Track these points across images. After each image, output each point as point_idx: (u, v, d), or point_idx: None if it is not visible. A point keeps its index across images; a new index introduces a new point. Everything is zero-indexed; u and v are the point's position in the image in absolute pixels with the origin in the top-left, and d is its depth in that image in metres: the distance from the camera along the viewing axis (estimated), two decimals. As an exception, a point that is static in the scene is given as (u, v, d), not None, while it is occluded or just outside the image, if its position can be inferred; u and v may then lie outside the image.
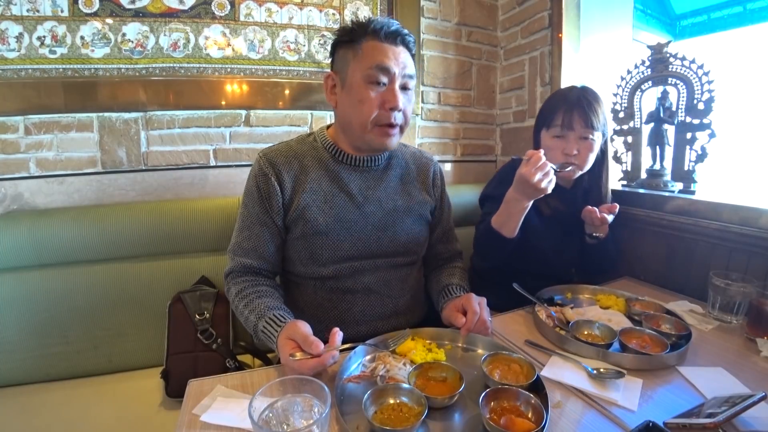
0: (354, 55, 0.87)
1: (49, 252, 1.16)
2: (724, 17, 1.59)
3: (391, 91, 0.87)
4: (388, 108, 0.87)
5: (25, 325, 1.13)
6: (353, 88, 0.87)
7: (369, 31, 0.86)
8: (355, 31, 0.88)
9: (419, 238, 1.02)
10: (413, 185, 1.03)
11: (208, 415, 0.62)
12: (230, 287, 0.94)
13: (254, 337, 0.85)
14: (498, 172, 1.26)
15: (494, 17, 1.89)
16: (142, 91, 1.37)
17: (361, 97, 0.86)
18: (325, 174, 0.94)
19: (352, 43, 0.88)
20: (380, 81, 0.86)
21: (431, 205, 1.05)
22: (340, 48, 0.91)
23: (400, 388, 0.64)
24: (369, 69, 0.85)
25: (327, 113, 1.63)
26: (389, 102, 0.87)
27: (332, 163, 0.95)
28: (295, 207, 0.91)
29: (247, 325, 0.87)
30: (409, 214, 1.00)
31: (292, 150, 0.96)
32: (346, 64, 0.89)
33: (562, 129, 1.08)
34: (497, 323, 0.94)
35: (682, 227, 1.17)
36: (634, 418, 0.61)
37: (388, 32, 0.87)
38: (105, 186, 1.38)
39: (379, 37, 0.86)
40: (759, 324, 0.87)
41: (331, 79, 0.93)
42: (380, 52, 0.86)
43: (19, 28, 1.24)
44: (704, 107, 1.21)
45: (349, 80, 0.88)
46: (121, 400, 1.09)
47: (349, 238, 0.93)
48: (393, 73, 0.86)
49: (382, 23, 0.87)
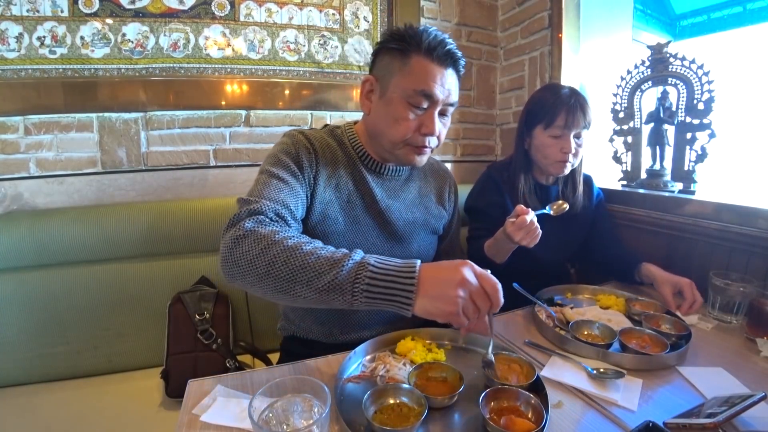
0: (401, 67, 0.81)
1: (49, 252, 1.16)
2: (723, 17, 1.59)
3: (429, 117, 0.82)
4: (424, 133, 0.83)
5: (25, 325, 1.13)
6: (392, 104, 0.82)
7: (423, 46, 0.80)
8: (407, 40, 0.81)
9: (429, 251, 1.03)
10: (429, 198, 1.03)
11: (208, 415, 0.62)
12: (253, 226, 0.67)
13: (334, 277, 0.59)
14: (477, 181, 1.30)
15: (494, 17, 1.89)
16: (142, 91, 1.37)
17: (398, 116, 0.82)
18: (353, 174, 0.91)
19: (401, 53, 0.81)
20: (421, 106, 0.82)
21: (445, 220, 1.06)
22: (385, 54, 0.84)
23: (400, 388, 0.64)
24: (413, 91, 0.80)
25: (327, 113, 1.63)
26: (426, 128, 0.83)
27: (359, 164, 0.92)
28: (321, 199, 0.86)
29: (317, 261, 0.61)
30: (424, 228, 0.99)
31: (326, 140, 0.91)
32: (389, 75, 0.83)
33: (565, 129, 1.10)
34: (497, 323, 0.94)
35: (682, 227, 1.17)
36: (634, 418, 0.61)
37: (442, 53, 0.81)
38: (105, 186, 1.38)
39: (431, 56, 0.80)
40: (759, 324, 0.87)
41: (370, 83, 0.87)
42: (429, 75, 0.80)
43: (19, 28, 1.24)
44: (704, 107, 1.21)
45: (390, 93, 0.83)
46: (121, 400, 1.09)
47: (363, 243, 0.91)
48: (437, 100, 0.81)
49: (438, 41, 0.81)
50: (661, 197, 1.26)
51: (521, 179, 1.19)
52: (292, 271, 0.61)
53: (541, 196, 1.22)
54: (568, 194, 1.24)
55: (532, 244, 0.92)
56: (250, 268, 0.63)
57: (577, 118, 1.09)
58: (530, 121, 1.17)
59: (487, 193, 1.22)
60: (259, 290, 0.65)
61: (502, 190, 1.20)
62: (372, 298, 0.59)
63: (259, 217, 0.70)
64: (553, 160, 1.13)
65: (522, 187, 1.19)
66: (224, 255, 0.66)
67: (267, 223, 0.69)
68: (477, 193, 1.25)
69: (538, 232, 0.92)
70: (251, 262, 0.63)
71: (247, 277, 0.64)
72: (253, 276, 0.63)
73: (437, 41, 0.81)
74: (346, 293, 0.59)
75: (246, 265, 0.64)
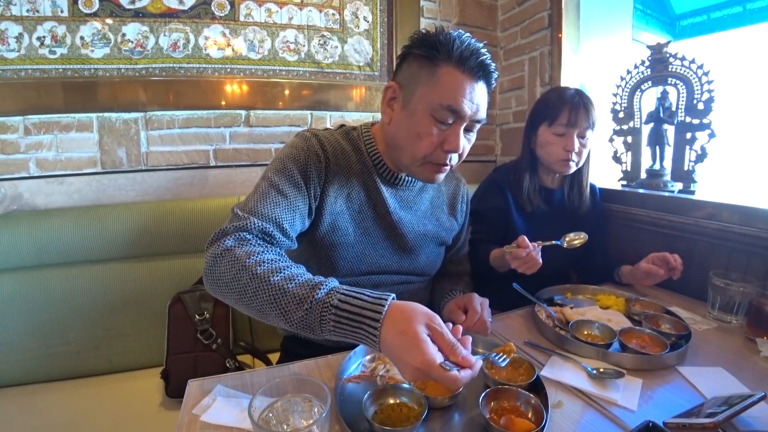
0: (428, 78, 0.75)
1: (49, 252, 1.16)
2: (723, 17, 1.59)
3: (454, 133, 0.76)
4: (446, 150, 0.77)
5: (25, 325, 1.13)
6: (415, 116, 0.77)
7: (454, 55, 0.73)
8: (437, 48, 0.74)
9: (436, 262, 1.01)
10: (442, 210, 1.00)
11: (208, 415, 0.62)
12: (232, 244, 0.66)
13: (291, 317, 0.58)
14: (480, 184, 1.30)
15: (494, 17, 1.89)
16: (142, 91, 1.37)
17: (421, 131, 0.76)
18: (366, 183, 0.86)
19: (430, 61, 0.75)
20: (446, 121, 0.76)
21: (455, 231, 1.04)
22: (412, 60, 0.78)
23: (400, 388, 0.64)
24: (439, 105, 0.74)
25: (327, 113, 1.63)
26: (449, 144, 0.77)
27: (374, 173, 0.87)
28: (330, 210, 0.82)
29: (284, 298, 0.59)
30: (434, 240, 0.97)
31: (340, 144, 0.86)
32: (415, 84, 0.77)
33: (567, 126, 1.10)
34: (497, 323, 0.94)
35: (682, 227, 1.17)
36: (634, 418, 0.61)
37: (475, 65, 0.74)
38: (105, 186, 1.38)
39: (462, 67, 0.74)
40: (759, 324, 0.87)
41: (393, 90, 0.81)
42: (458, 88, 0.74)
43: (19, 28, 1.24)
44: (704, 107, 1.21)
45: (413, 104, 0.77)
46: (121, 400, 1.09)
47: (373, 254, 0.88)
48: (464, 116, 0.75)
49: (471, 51, 0.74)
50: (661, 197, 1.26)
51: (526, 179, 1.20)
52: (262, 304, 0.60)
53: (546, 199, 1.22)
54: (574, 197, 1.24)
55: (529, 273, 0.92)
56: (227, 290, 0.64)
57: (580, 116, 1.09)
58: (535, 120, 1.18)
59: (490, 198, 1.22)
60: (235, 306, 0.66)
61: (505, 194, 1.20)
62: (338, 335, 0.57)
63: (242, 234, 0.69)
64: (556, 158, 1.14)
65: (527, 186, 1.20)
66: (205, 272, 0.68)
67: (247, 242, 0.68)
68: (480, 197, 1.25)
69: (537, 262, 0.90)
70: (227, 285, 0.64)
71: (226, 297, 0.65)
72: (231, 298, 0.64)
73: (470, 51, 0.74)
74: (315, 330, 0.58)
75: (224, 287, 0.64)
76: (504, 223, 1.20)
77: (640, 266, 1.07)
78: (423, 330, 0.53)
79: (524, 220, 1.21)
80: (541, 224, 1.21)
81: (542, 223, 1.21)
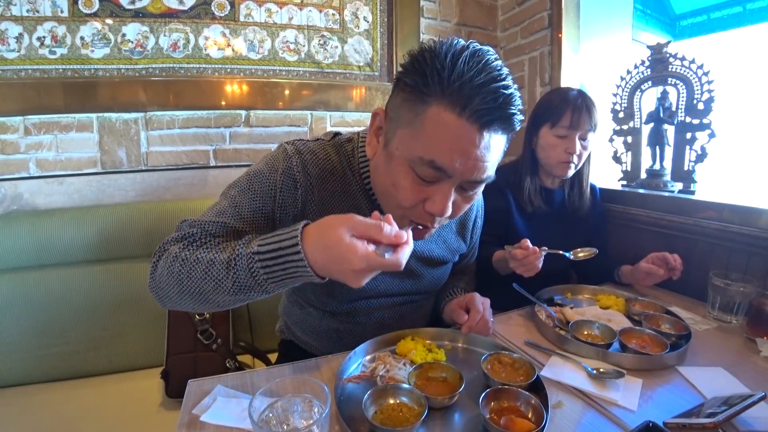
0: (411, 118, 0.57)
1: (49, 252, 1.16)
2: (723, 17, 1.59)
3: (440, 193, 0.59)
4: (428, 211, 0.61)
5: (24, 325, 1.13)
6: (392, 162, 0.61)
7: (449, 90, 0.53)
8: (427, 78, 0.54)
9: (442, 279, 0.94)
10: (450, 229, 0.89)
11: (208, 415, 0.62)
12: (169, 248, 0.63)
13: (229, 276, 0.55)
14: None
15: (494, 17, 1.89)
16: (142, 91, 1.37)
17: (396, 182, 0.61)
18: (358, 206, 0.74)
19: (417, 95, 0.56)
20: (429, 180, 0.59)
21: (463, 250, 0.96)
22: (399, 90, 0.60)
23: (400, 388, 0.64)
24: (419, 159, 0.57)
25: (327, 113, 1.63)
26: (431, 206, 0.60)
27: (365, 196, 0.74)
28: None
29: (213, 268, 0.56)
30: (439, 263, 0.89)
31: (330, 161, 0.73)
32: (397, 122, 0.60)
33: (570, 129, 1.10)
34: (497, 323, 0.94)
35: (682, 227, 1.17)
36: (634, 418, 0.61)
37: (482, 108, 0.53)
38: (105, 186, 1.38)
39: (459, 108, 0.53)
40: (759, 324, 0.87)
41: (379, 119, 0.65)
42: (448, 140, 0.55)
43: (19, 28, 1.25)
44: (704, 107, 1.21)
45: (392, 148, 0.61)
46: (121, 400, 1.09)
47: (372, 281, 0.63)
48: (453, 175, 0.58)
49: (477, 86, 0.53)
50: (661, 197, 1.26)
51: (527, 180, 1.20)
52: (198, 282, 0.57)
53: (547, 199, 1.22)
54: (575, 198, 1.24)
55: (526, 275, 0.92)
56: (166, 287, 0.60)
57: (583, 118, 1.09)
58: (537, 121, 1.18)
59: (491, 198, 1.21)
60: (189, 307, 0.62)
61: (506, 194, 1.20)
62: (277, 281, 0.54)
63: (182, 239, 0.64)
64: (557, 160, 1.14)
65: (528, 187, 1.20)
66: (149, 284, 0.64)
67: (182, 240, 0.63)
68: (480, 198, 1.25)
69: (535, 267, 0.90)
70: (166, 282, 0.60)
71: (169, 295, 0.61)
72: (173, 293, 0.60)
73: (475, 85, 0.52)
74: (255, 289, 0.55)
75: (164, 285, 0.61)
76: (504, 223, 1.20)
77: (639, 266, 1.07)
78: (344, 232, 0.50)
79: (525, 220, 1.21)
80: (542, 225, 1.21)
81: (543, 224, 1.21)
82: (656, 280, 1.05)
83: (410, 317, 0.92)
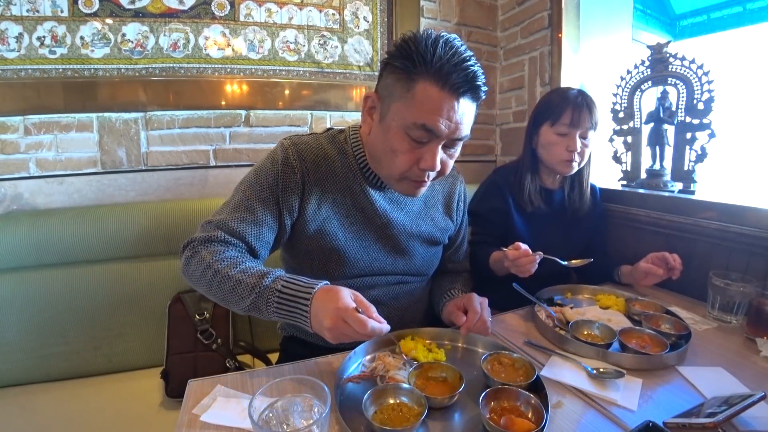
0: (403, 93, 0.71)
1: (49, 252, 1.16)
2: (723, 17, 1.59)
3: (430, 152, 0.73)
4: (422, 168, 0.75)
5: (25, 325, 1.13)
6: (389, 132, 0.74)
7: (432, 69, 0.68)
8: (413, 60, 0.69)
9: (433, 262, 1.00)
10: (436, 209, 0.98)
11: (208, 415, 0.62)
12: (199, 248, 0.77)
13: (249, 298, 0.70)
14: (481, 185, 1.30)
15: (494, 17, 1.89)
16: (142, 91, 1.37)
17: (396, 148, 0.74)
18: (352, 188, 0.85)
19: (406, 74, 0.71)
20: (421, 141, 0.73)
21: (451, 231, 1.02)
22: (390, 72, 0.74)
23: (400, 388, 0.64)
24: (413, 124, 0.71)
25: (327, 113, 1.63)
26: (425, 163, 0.74)
27: (360, 176, 0.86)
28: (313, 217, 0.83)
29: (239, 287, 0.71)
30: (428, 241, 0.95)
31: (323, 149, 0.85)
32: (390, 98, 0.74)
33: (570, 126, 1.11)
34: (497, 323, 0.94)
35: (682, 227, 1.18)
36: (634, 417, 0.61)
37: (458, 80, 0.69)
38: (105, 186, 1.38)
39: (442, 82, 0.69)
40: (759, 324, 0.87)
41: (372, 101, 0.79)
42: (434, 107, 0.69)
43: (19, 28, 1.24)
44: (704, 107, 1.21)
45: (388, 120, 0.74)
46: (121, 400, 1.09)
47: (365, 257, 0.88)
48: (440, 135, 0.72)
49: (453, 65, 0.68)
50: (661, 197, 1.26)
51: (527, 179, 1.20)
52: (224, 294, 0.72)
53: (546, 199, 1.22)
54: (575, 198, 1.24)
55: (521, 276, 0.92)
56: (198, 284, 0.77)
57: (583, 116, 1.09)
58: (538, 120, 1.18)
59: (490, 199, 1.22)
60: (210, 298, 0.77)
61: (505, 195, 1.20)
62: (280, 316, 0.69)
63: (210, 240, 0.78)
64: (558, 158, 1.14)
65: (528, 186, 1.19)
66: (182, 271, 0.80)
67: (213, 243, 0.77)
68: (480, 199, 1.25)
69: (527, 270, 0.90)
70: (199, 281, 0.76)
71: (199, 289, 0.78)
72: (202, 290, 0.77)
73: (452, 65, 0.68)
74: (263, 312, 0.70)
75: (196, 282, 0.77)
76: (504, 224, 1.20)
77: (639, 266, 1.07)
78: (347, 294, 0.66)
79: (524, 221, 1.21)
80: (542, 225, 1.21)
81: (542, 224, 1.21)
82: (656, 279, 1.05)
83: (404, 300, 0.97)
